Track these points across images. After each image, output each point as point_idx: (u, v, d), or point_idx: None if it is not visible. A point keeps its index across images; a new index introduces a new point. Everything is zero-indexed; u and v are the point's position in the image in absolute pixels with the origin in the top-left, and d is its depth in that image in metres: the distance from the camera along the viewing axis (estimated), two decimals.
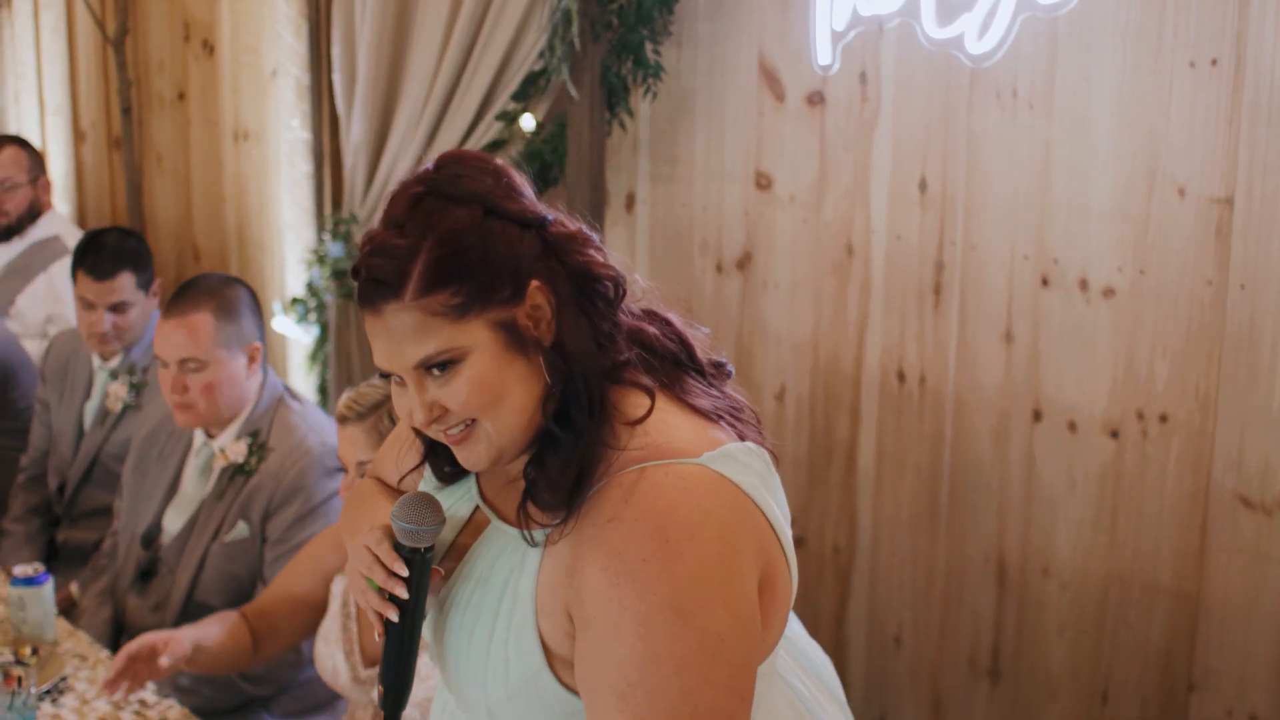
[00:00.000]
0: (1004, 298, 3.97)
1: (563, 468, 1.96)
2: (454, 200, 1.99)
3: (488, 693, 2.04)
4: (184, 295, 3.80)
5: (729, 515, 1.94)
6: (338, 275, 5.36)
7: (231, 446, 3.76)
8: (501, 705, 2.03)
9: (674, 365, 2.13)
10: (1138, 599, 3.85)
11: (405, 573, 2.05)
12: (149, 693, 3.19)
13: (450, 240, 1.95)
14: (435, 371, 1.97)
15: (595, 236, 2.09)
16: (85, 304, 4.46)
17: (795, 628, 2.40)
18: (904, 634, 4.42)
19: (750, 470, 2.00)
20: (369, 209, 5.37)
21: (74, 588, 4.23)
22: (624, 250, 4.96)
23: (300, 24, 5.75)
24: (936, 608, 4.32)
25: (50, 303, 5.49)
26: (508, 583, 2.03)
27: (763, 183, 4.52)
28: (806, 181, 4.41)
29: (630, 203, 4.92)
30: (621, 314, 2.07)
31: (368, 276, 1.99)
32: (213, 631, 3.18)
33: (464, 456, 2.04)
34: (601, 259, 2.05)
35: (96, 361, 4.61)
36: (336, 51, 5.42)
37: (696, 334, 2.22)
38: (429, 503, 2.07)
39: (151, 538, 3.87)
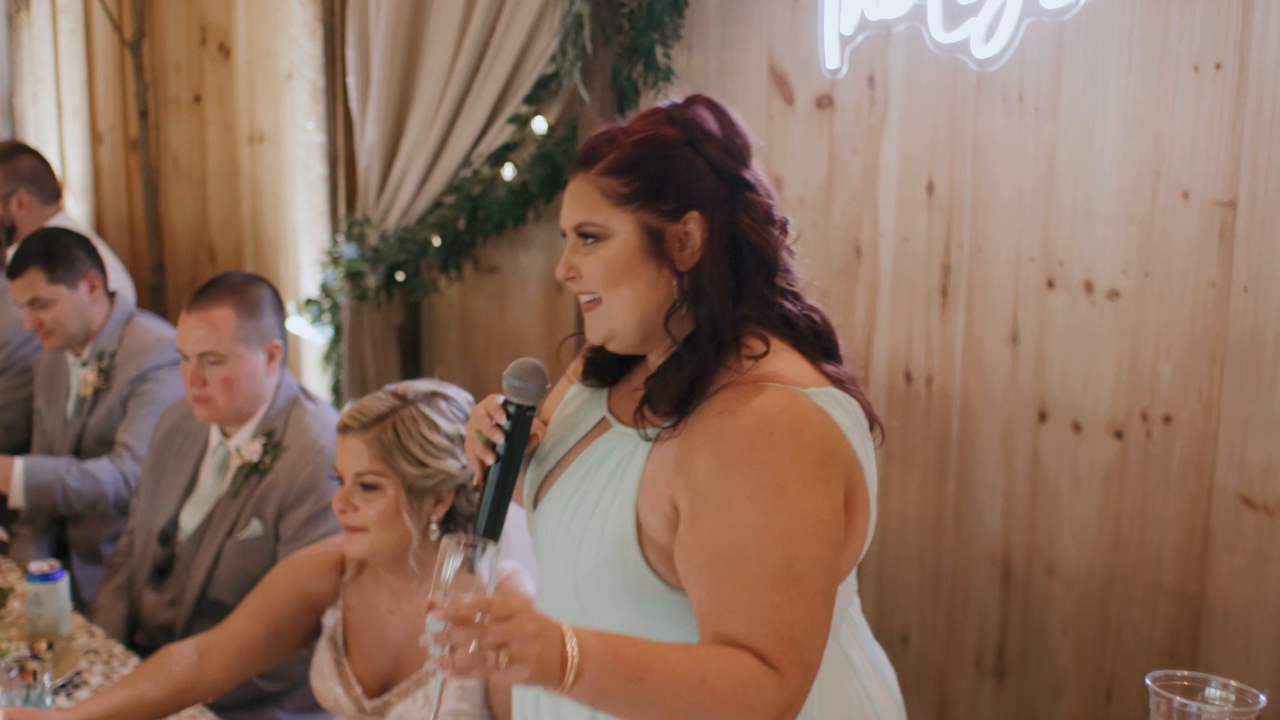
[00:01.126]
0: (1010, 299, 4.00)
1: (679, 384, 2.22)
2: (673, 121, 2.27)
3: (578, 565, 2.27)
4: (207, 291, 3.87)
5: (825, 432, 2.18)
6: (352, 276, 5.40)
7: (247, 445, 3.79)
8: (588, 577, 2.26)
9: (811, 345, 2.34)
10: (1141, 598, 3.87)
11: (504, 421, 2.31)
12: None
13: (646, 144, 2.25)
14: (586, 240, 2.27)
15: (785, 223, 2.35)
16: (18, 305, 4.61)
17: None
18: (911, 633, 4.44)
19: (848, 414, 2.24)
20: (382, 211, 5.41)
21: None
22: None
23: (315, 28, 5.79)
24: (943, 607, 4.35)
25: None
26: (615, 471, 2.27)
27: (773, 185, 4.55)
28: (815, 184, 4.44)
29: None
30: (773, 288, 2.30)
31: (584, 146, 2.31)
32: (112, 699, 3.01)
33: (587, 325, 2.33)
34: (769, 239, 2.28)
35: (70, 359, 4.70)
36: (351, 55, 5.46)
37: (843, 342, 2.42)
38: (536, 369, 2.32)
39: (169, 535, 3.91)
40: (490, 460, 2.33)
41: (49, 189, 5.86)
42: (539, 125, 4.96)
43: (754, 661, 2.06)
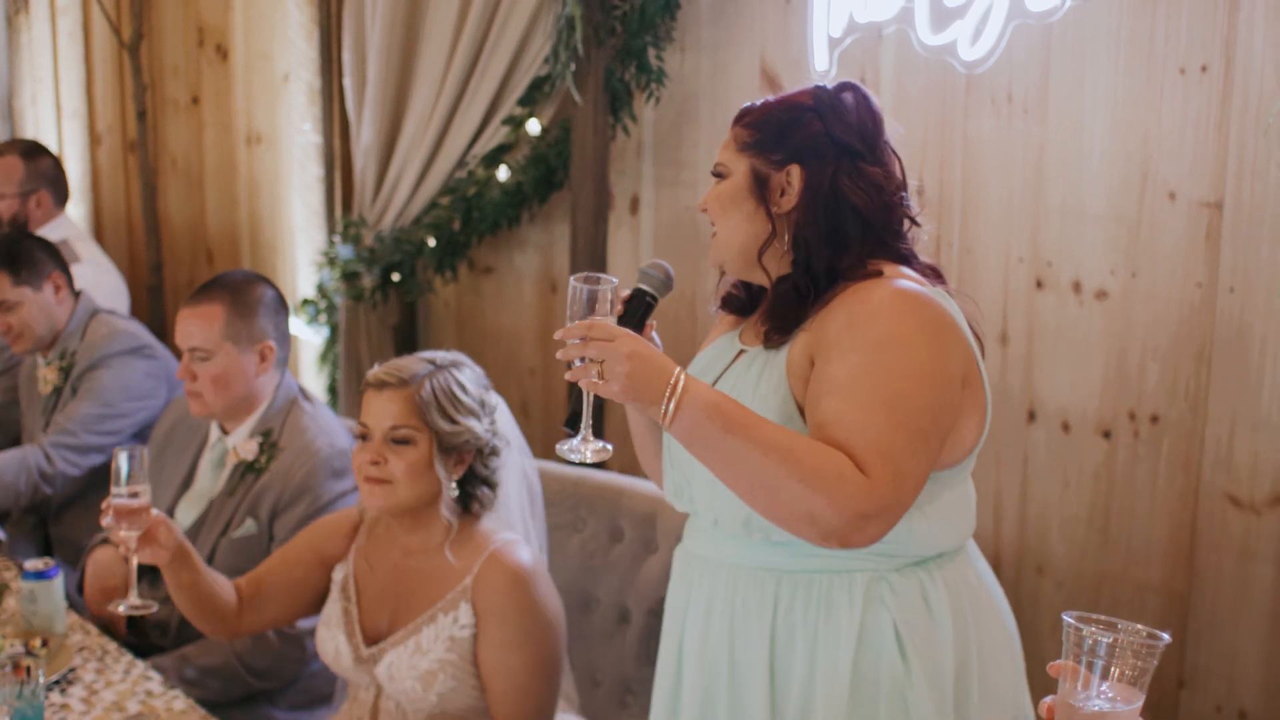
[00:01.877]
0: (999, 300, 4.02)
1: (790, 312, 2.52)
2: (813, 94, 2.58)
3: None
4: (206, 287, 3.90)
5: (945, 315, 2.47)
6: (348, 277, 5.43)
7: (243, 445, 3.81)
8: None
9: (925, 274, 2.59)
10: (1129, 597, 3.90)
11: (626, 295, 2.60)
12: (155, 683, 3.26)
13: (778, 105, 2.58)
14: (716, 179, 2.61)
15: (901, 198, 2.59)
16: None
17: None
18: None
19: (962, 317, 2.53)
20: (378, 212, 5.44)
21: None
22: (628, 253, 5.02)
23: (312, 29, 5.82)
24: None
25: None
26: (760, 374, 2.53)
27: None
28: None
29: (635, 206, 4.98)
30: (881, 248, 2.54)
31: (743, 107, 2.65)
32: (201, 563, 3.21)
33: (710, 252, 2.66)
34: (873, 204, 2.51)
35: (40, 361, 4.74)
36: (347, 57, 5.49)
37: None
38: (666, 269, 2.61)
39: None
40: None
41: (63, 192, 5.89)
42: (533, 127, 4.98)
43: (846, 460, 2.28)
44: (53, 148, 7.63)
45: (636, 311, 2.60)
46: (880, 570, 2.51)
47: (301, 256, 6.01)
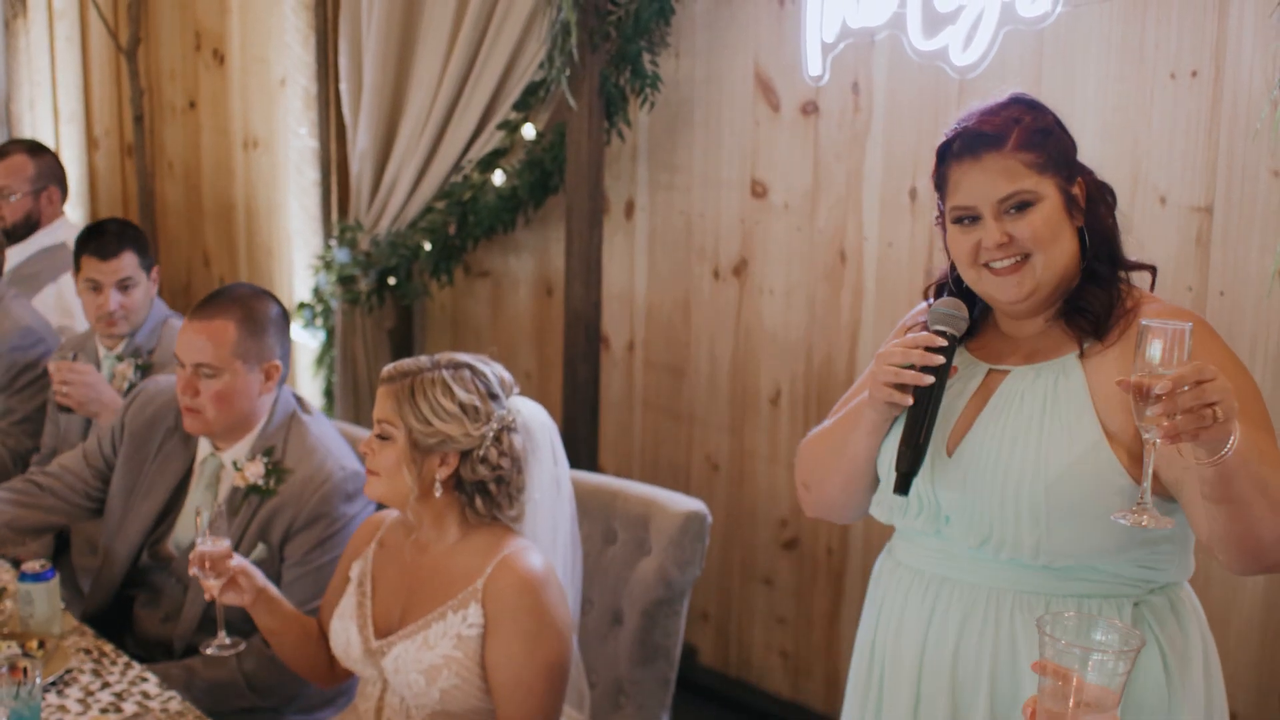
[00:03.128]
0: None
1: (1098, 307, 2.53)
2: (1042, 109, 2.57)
3: (1046, 473, 2.45)
4: (213, 300, 3.78)
5: None
6: (344, 281, 5.45)
7: (249, 467, 3.74)
8: (1060, 481, 2.44)
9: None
10: None
11: (943, 343, 2.53)
12: (152, 684, 3.27)
13: (1049, 123, 2.55)
14: (1011, 211, 2.50)
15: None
16: (92, 285, 4.56)
17: None
18: None
19: None
20: (374, 216, 5.46)
21: None
22: (623, 256, 5.04)
23: (308, 35, 5.84)
24: None
25: (60, 315, 5.54)
26: (1049, 392, 2.52)
27: (758, 191, 4.60)
28: (801, 189, 4.49)
29: (629, 210, 5.00)
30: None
31: (975, 131, 2.55)
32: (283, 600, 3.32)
33: (1004, 287, 2.54)
34: (1108, 196, 2.60)
35: (103, 352, 4.69)
36: (343, 62, 5.51)
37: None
38: (961, 305, 2.60)
39: (156, 545, 3.89)
40: (927, 381, 2.51)
41: (66, 189, 5.91)
42: (528, 131, 5.01)
43: None
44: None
45: (946, 361, 2.55)
46: (1139, 593, 2.53)
47: (298, 260, 6.03)
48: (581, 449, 4.84)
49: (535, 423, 3.22)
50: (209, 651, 3.24)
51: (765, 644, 4.93)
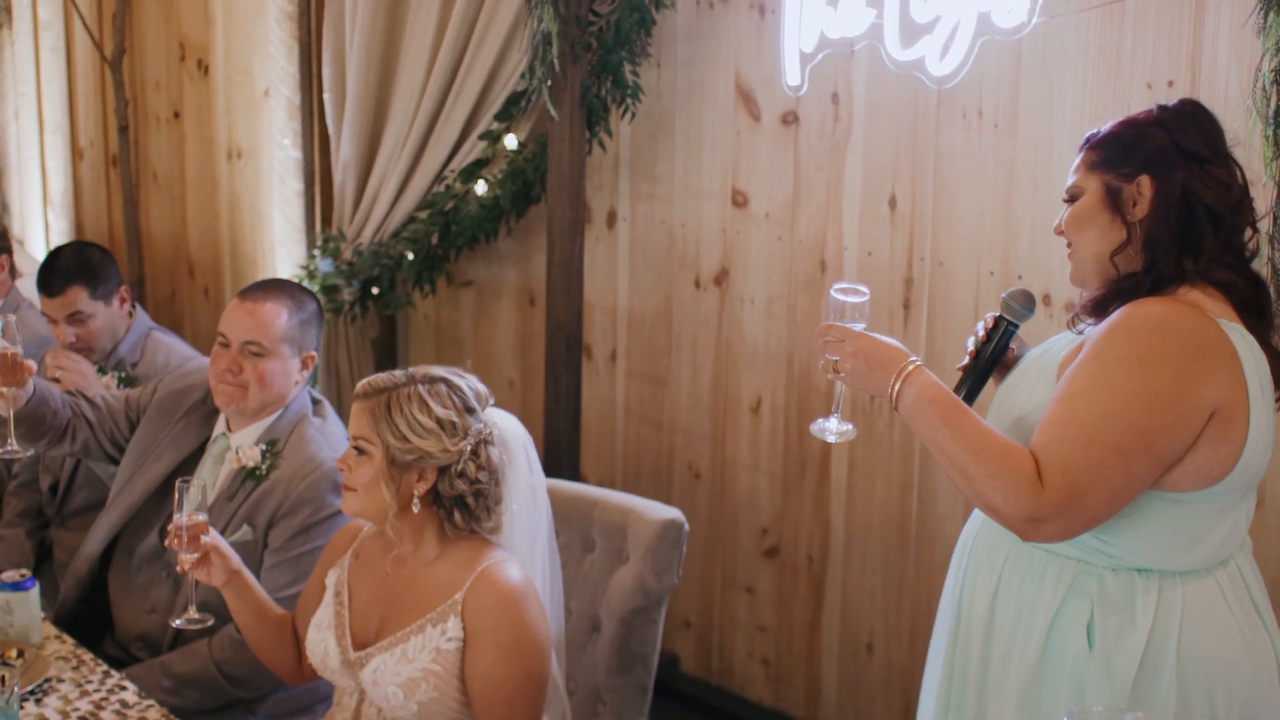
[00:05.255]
0: (970, 312, 4.06)
1: (1112, 303, 2.66)
2: (1150, 111, 2.75)
3: (1025, 423, 2.72)
4: (265, 285, 3.90)
5: (1216, 344, 2.55)
6: (327, 290, 5.46)
7: (247, 451, 3.80)
8: (1025, 421, 2.72)
9: (1246, 303, 2.69)
10: None
11: (989, 326, 2.91)
12: (130, 693, 3.27)
13: (1123, 124, 2.74)
14: (1069, 202, 2.77)
15: (1247, 200, 2.69)
16: (49, 319, 4.62)
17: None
18: (875, 641, 4.50)
19: (1252, 353, 2.60)
20: (357, 226, 5.47)
21: None
22: (605, 266, 5.05)
23: (292, 45, 5.85)
24: (907, 615, 4.40)
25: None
26: (1054, 354, 2.78)
27: (739, 200, 4.62)
28: (781, 199, 4.50)
29: (611, 220, 5.02)
30: (1226, 246, 2.66)
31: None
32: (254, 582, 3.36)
33: (1071, 271, 2.82)
34: (1222, 203, 2.64)
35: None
36: (327, 72, 5.53)
37: None
38: (1029, 296, 2.89)
39: (165, 513, 3.91)
40: (968, 359, 2.92)
41: (10, 253, 5.88)
42: (510, 142, 5.02)
43: (1029, 466, 2.52)
44: (35, 162, 7.67)
45: (997, 338, 2.90)
46: (1094, 566, 2.67)
47: (281, 270, 6.03)
48: (563, 458, 4.85)
49: (510, 434, 3.22)
50: (176, 624, 3.29)
51: (747, 652, 4.93)
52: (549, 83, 4.57)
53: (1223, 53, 3.53)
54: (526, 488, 3.25)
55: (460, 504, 3.08)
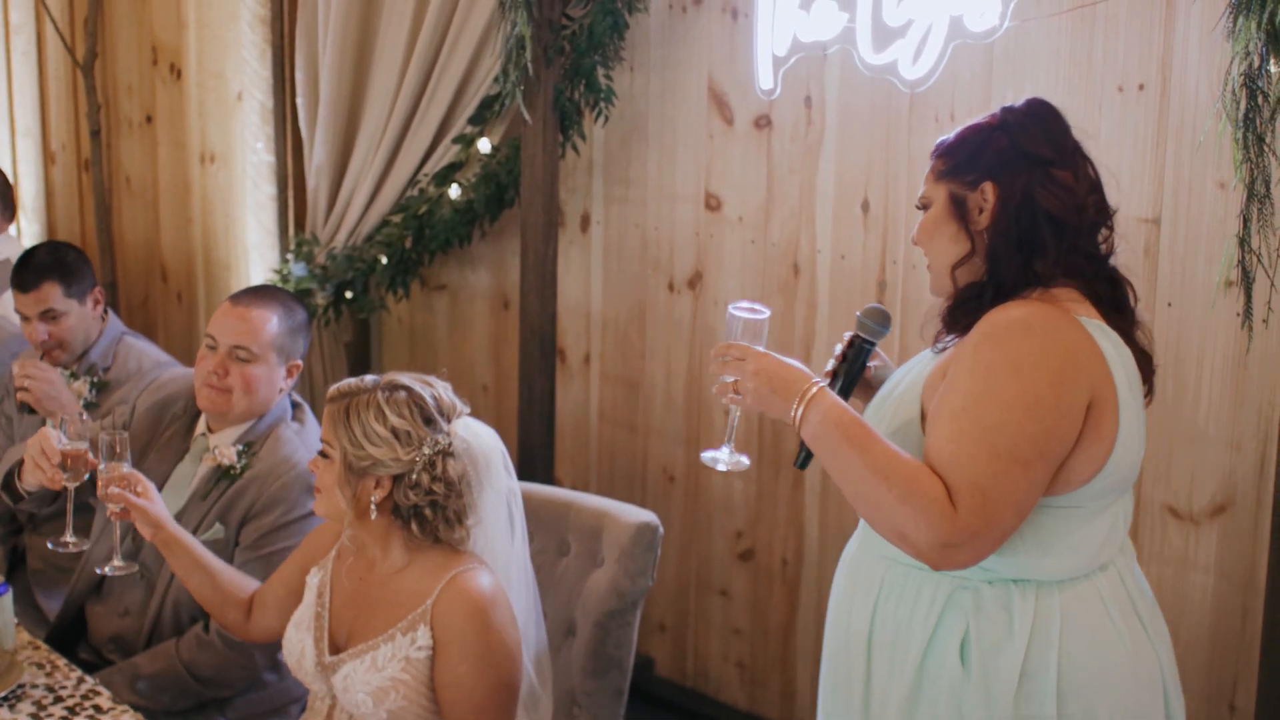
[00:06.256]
0: None
1: (961, 315, 2.62)
2: (996, 113, 2.70)
3: (884, 428, 2.65)
4: (256, 291, 3.92)
5: (1081, 342, 2.50)
6: (301, 295, 5.45)
7: (224, 450, 3.81)
8: (894, 440, 2.60)
9: (1104, 300, 2.65)
10: None
11: (841, 348, 2.81)
12: (104, 699, 3.27)
13: (967, 132, 2.69)
14: (921, 210, 2.74)
15: (1097, 200, 2.66)
16: (23, 317, 4.61)
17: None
18: None
19: (1116, 349, 2.56)
20: (331, 230, 5.46)
21: None
22: (579, 270, 5.06)
23: (265, 49, 5.85)
24: None
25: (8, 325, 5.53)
26: (918, 374, 2.71)
27: (712, 204, 4.62)
28: (754, 202, 4.51)
29: (585, 223, 5.02)
30: (1074, 250, 2.61)
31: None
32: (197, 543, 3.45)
33: (929, 282, 2.77)
34: (1068, 207, 2.59)
35: (60, 370, 4.70)
36: (300, 76, 5.52)
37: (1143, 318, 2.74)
38: (883, 314, 2.79)
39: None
40: (828, 378, 2.78)
41: (13, 208, 5.89)
42: (484, 146, 5.02)
43: (940, 490, 2.43)
44: (6, 166, 7.63)
45: (853, 355, 2.80)
46: (970, 580, 2.60)
47: (255, 274, 6.03)
48: (538, 461, 4.85)
49: (485, 445, 3.21)
50: (105, 570, 3.43)
51: (722, 655, 4.94)
52: (522, 86, 4.57)
53: (1193, 56, 3.55)
54: (504, 498, 3.25)
55: (417, 514, 3.07)
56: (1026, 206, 2.58)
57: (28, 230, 7.68)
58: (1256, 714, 3.52)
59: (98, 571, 3.51)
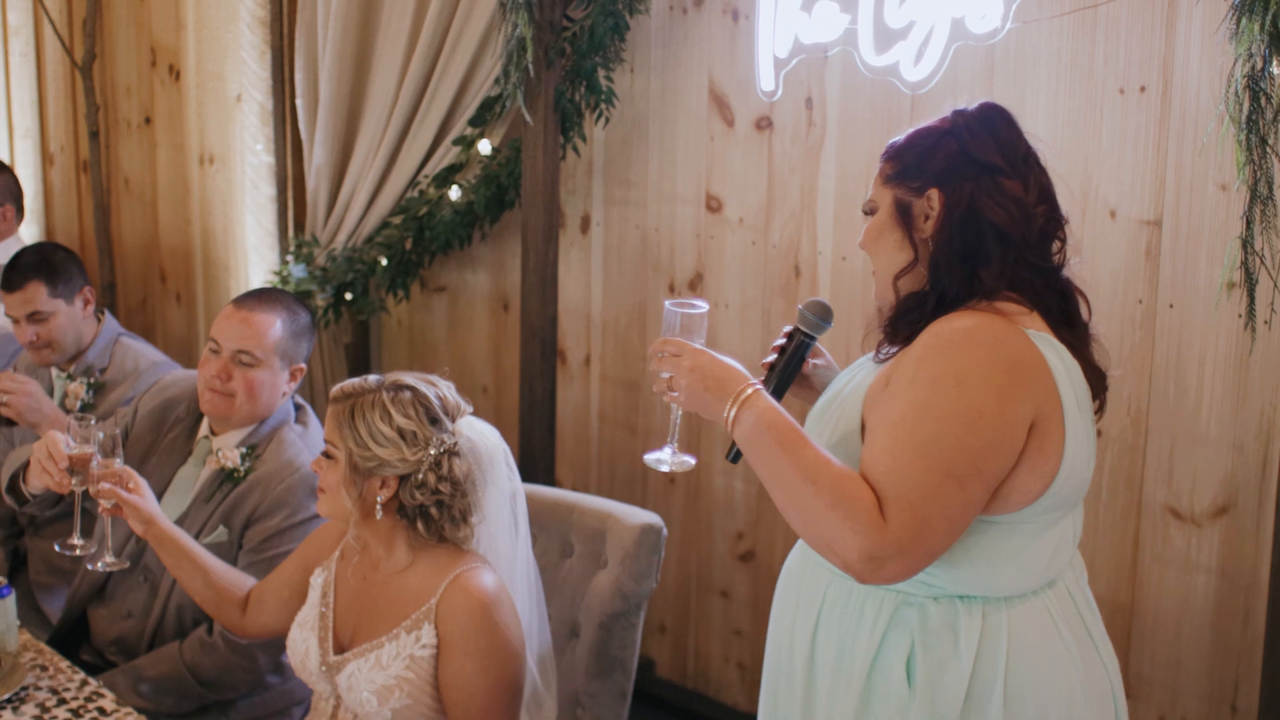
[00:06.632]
0: None
1: (903, 326, 2.56)
2: (947, 116, 2.64)
3: (824, 439, 2.59)
4: (259, 295, 3.91)
5: (1027, 355, 2.44)
6: (300, 296, 5.44)
7: (227, 453, 3.81)
8: (830, 450, 2.52)
9: (1053, 313, 2.58)
10: None
11: (781, 341, 2.77)
12: (108, 701, 3.27)
13: (917, 135, 2.63)
14: (867, 215, 2.67)
15: (1044, 210, 2.58)
16: (13, 320, 4.61)
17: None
18: None
19: (1063, 362, 2.49)
20: (330, 232, 5.46)
21: None
22: (579, 271, 5.06)
23: (264, 50, 5.84)
24: None
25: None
26: (859, 383, 2.62)
27: (713, 205, 4.63)
28: (755, 204, 4.51)
29: (585, 225, 5.02)
30: (1020, 262, 2.53)
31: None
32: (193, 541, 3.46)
33: (875, 289, 2.70)
34: (1013, 217, 2.51)
35: (54, 373, 4.71)
36: (299, 78, 5.52)
37: (1097, 332, 2.68)
38: (824, 307, 2.76)
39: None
40: (765, 371, 2.78)
41: (22, 209, 5.90)
42: (484, 147, 5.02)
43: (871, 500, 2.35)
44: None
45: (792, 350, 2.77)
46: (915, 596, 2.54)
47: (254, 276, 6.02)
48: (538, 463, 4.85)
49: (490, 444, 3.21)
50: (97, 567, 3.43)
51: (723, 656, 4.94)
52: (523, 88, 4.57)
53: (1194, 58, 3.56)
54: (507, 497, 3.25)
55: (423, 514, 3.08)
56: (972, 216, 2.51)
57: (27, 232, 7.63)
58: (1259, 715, 3.52)
59: (89, 568, 3.50)
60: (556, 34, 4.60)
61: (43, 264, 4.61)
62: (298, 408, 3.98)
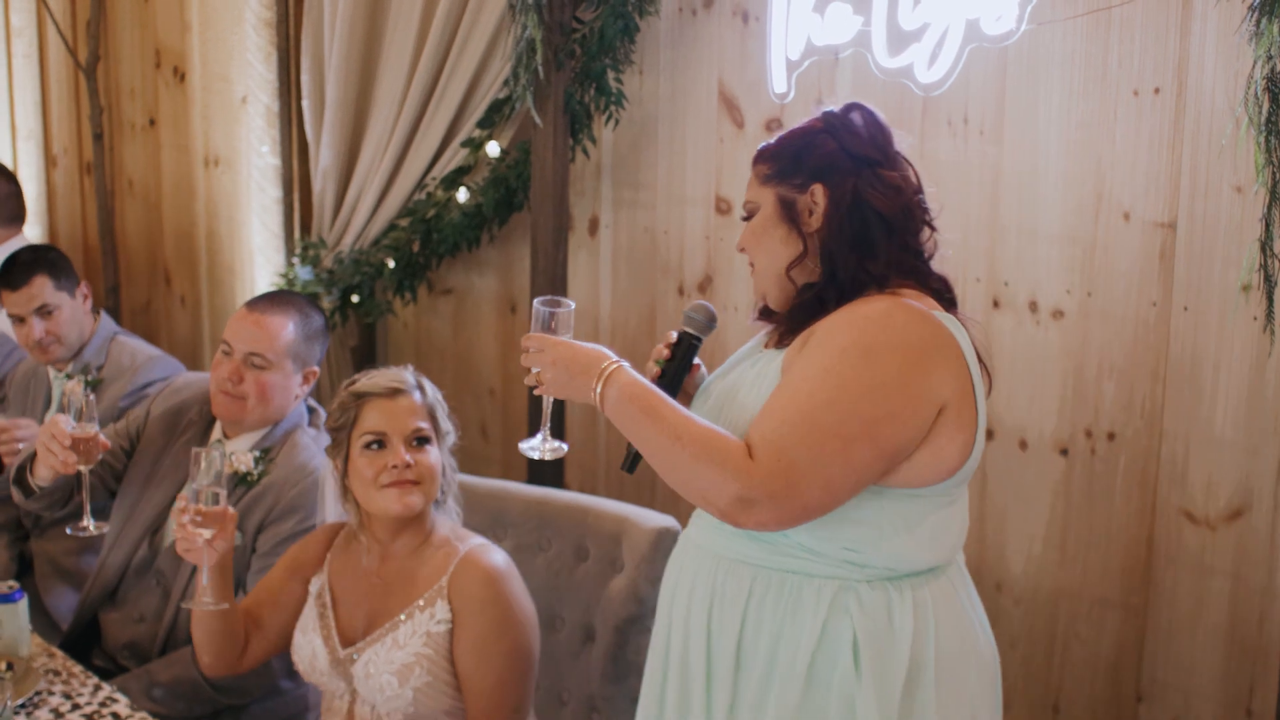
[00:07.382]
0: None
1: (805, 316, 2.64)
2: (819, 118, 2.74)
3: (742, 416, 2.62)
4: (272, 297, 3.93)
5: (942, 337, 2.55)
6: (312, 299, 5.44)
7: (240, 457, 3.80)
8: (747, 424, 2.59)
9: (939, 295, 2.70)
10: (1087, 613, 3.94)
11: (672, 340, 2.84)
12: (122, 705, 3.26)
13: (790, 136, 2.73)
14: (746, 219, 2.76)
15: (919, 201, 2.71)
16: (16, 319, 4.61)
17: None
18: None
19: (966, 341, 2.61)
20: (337, 234, 5.45)
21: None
22: (588, 273, 5.05)
23: (270, 52, 5.83)
24: None
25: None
26: (765, 367, 2.68)
27: (723, 207, 4.61)
28: None
29: (594, 227, 5.01)
30: (904, 249, 2.66)
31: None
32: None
33: (754, 286, 2.80)
34: (896, 207, 2.64)
35: (52, 373, 4.71)
36: (305, 79, 5.50)
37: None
38: (709, 311, 2.82)
39: (155, 532, 3.91)
40: (654, 374, 2.82)
41: (23, 212, 5.89)
42: (492, 149, 5.00)
43: (738, 447, 2.48)
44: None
45: (681, 353, 2.83)
46: (851, 580, 2.60)
47: (260, 279, 6.01)
48: (547, 467, 4.83)
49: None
50: (192, 606, 3.29)
51: None
52: (532, 89, 4.56)
53: (1209, 61, 3.55)
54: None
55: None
56: (857, 207, 2.62)
57: (29, 234, 7.63)
58: None
59: (68, 531, 3.54)
60: (566, 35, 4.58)
61: (42, 259, 4.63)
62: (311, 411, 3.98)
